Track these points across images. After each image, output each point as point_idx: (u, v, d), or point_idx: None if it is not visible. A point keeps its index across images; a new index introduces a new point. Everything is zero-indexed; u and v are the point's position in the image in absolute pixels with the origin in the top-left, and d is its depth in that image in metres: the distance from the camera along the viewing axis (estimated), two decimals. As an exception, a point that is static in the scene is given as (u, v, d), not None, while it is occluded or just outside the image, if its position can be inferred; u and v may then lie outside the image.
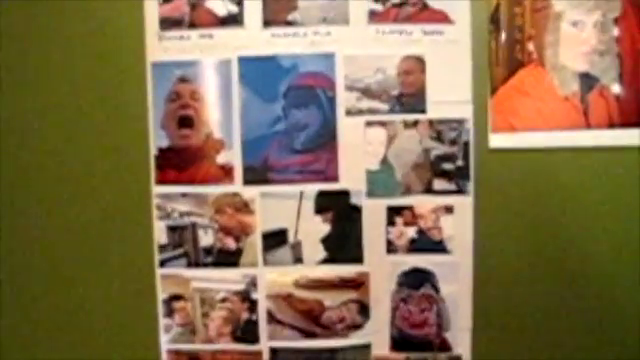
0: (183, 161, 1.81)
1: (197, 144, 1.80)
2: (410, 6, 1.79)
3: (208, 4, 1.80)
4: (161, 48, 1.80)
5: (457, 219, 1.71)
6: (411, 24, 1.79)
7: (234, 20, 1.78)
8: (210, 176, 1.81)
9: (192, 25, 1.79)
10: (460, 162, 1.74)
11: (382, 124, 1.78)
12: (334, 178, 1.79)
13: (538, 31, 1.76)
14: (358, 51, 1.78)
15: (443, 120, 1.78)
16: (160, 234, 1.79)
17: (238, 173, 1.78)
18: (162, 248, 1.77)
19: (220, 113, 1.76)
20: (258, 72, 1.78)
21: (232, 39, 1.79)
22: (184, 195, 1.79)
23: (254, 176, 1.77)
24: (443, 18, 1.77)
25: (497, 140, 1.68)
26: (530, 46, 1.75)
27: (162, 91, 1.79)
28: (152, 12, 1.80)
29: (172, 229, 1.75)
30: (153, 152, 1.78)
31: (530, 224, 1.75)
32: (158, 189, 1.80)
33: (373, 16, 1.77)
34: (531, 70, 1.75)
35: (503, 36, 1.76)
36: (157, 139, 1.79)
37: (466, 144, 1.71)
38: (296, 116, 1.79)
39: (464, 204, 1.70)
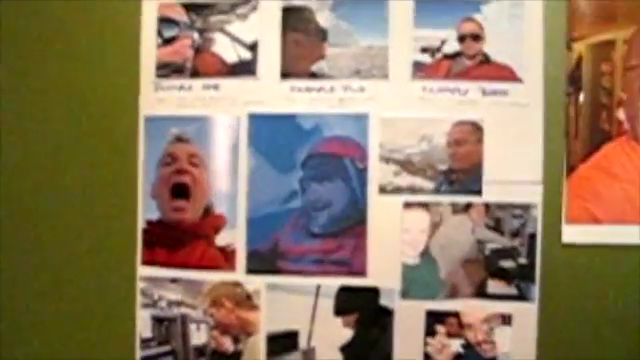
0: (175, 239, 1.46)
1: (193, 219, 1.40)
2: (466, 58, 1.36)
3: (215, 48, 1.41)
4: (156, 99, 1.46)
5: (517, 332, 1.37)
6: (467, 81, 1.41)
7: (246, 69, 1.44)
8: (207, 260, 1.45)
9: (195, 73, 1.43)
10: (523, 259, 1.39)
11: (425, 206, 1.40)
12: (361, 272, 1.41)
13: (631, 95, 1.31)
14: (398, 113, 1.41)
15: (503, 205, 1.40)
16: (143, 326, 1.45)
17: (241, 258, 1.44)
18: (145, 343, 1.44)
19: (223, 182, 1.44)
20: (272, 134, 1.43)
21: (242, 92, 1.44)
22: (174, 281, 1.46)
23: (261, 263, 1.44)
24: (508, 75, 1.39)
25: (572, 233, 1.37)
26: (620, 114, 1.32)
27: (155, 151, 1.45)
28: (149, 54, 1.43)
29: (158, 321, 1.45)
30: (141, 225, 1.47)
31: (611, 341, 1.29)
32: (144, 271, 1.48)
33: (419, 70, 1.39)
34: (621, 145, 1.33)
35: (585, 100, 1.33)
36: (146, 210, 1.47)
37: (532, 237, 1.38)
38: (316, 191, 1.42)
39: (526, 313, 1.36)
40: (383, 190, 1.39)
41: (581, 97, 1.37)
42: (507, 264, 1.38)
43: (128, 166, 1.47)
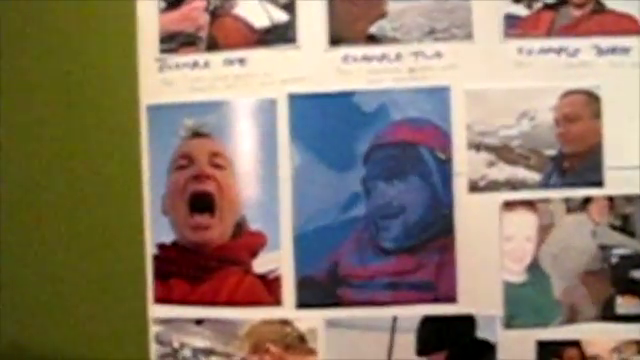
0: (198, 267, 1.09)
1: (221, 240, 1.03)
2: (574, 7, 0.98)
3: (239, 10, 1.02)
4: (163, 82, 1.10)
5: (657, 363, 1.01)
6: (576, 37, 1.06)
7: (281, 35, 1.07)
8: (243, 292, 1.08)
9: (213, 44, 1.09)
10: None
11: (530, 205, 1.05)
12: (450, 297, 1.06)
13: None
14: (489, 84, 1.05)
15: (633, 197, 1.05)
16: (162, 384, 1.00)
17: (289, 288, 1.07)
18: (165, 407, 0.99)
19: (259, 189, 1.08)
20: (322, 120, 1.07)
21: (278, 66, 1.07)
22: (200, 322, 1.10)
23: (316, 294, 1.07)
24: (631, 26, 1.05)
25: None
26: None
27: (165, 152, 1.10)
28: (149, 23, 1.06)
29: (181, 376, 1.06)
30: (150, 251, 1.11)
31: None
32: (158, 311, 1.12)
33: (512, 25, 1.05)
34: None
35: None
36: (157, 230, 1.10)
37: (672, 237, 1.01)
38: (386, 193, 1.06)
39: (669, 338, 1.00)
40: (474, 187, 1.04)
41: None
42: (640, 275, 1.02)
43: (129, 173, 1.11)
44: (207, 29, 1.08)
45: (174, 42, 1.08)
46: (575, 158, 1.04)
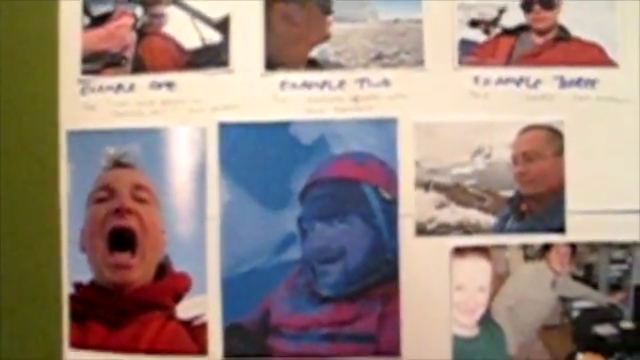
0: (117, 310, 0.96)
1: (142, 281, 0.92)
2: (536, 34, 0.85)
3: (168, 28, 0.87)
4: (84, 106, 0.97)
5: None
6: (537, 67, 0.93)
7: (214, 58, 0.95)
8: (165, 340, 0.95)
9: (139, 66, 0.96)
10: (628, 323, 0.92)
11: (484, 252, 0.93)
12: (392, 350, 0.92)
13: None
14: (440, 116, 0.93)
15: (597, 245, 0.92)
16: None
17: (215, 336, 0.94)
18: None
19: (185, 226, 0.95)
20: (255, 153, 0.94)
21: (210, 92, 0.95)
22: None
23: (244, 343, 0.94)
24: (597, 57, 0.93)
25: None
26: None
27: (84, 182, 0.97)
28: (71, 41, 0.95)
29: None
30: (66, 291, 0.97)
31: None
32: (74, 356, 0.98)
33: (468, 52, 0.94)
34: None
35: None
36: (73, 268, 0.96)
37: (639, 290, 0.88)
38: (324, 235, 0.93)
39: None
40: (422, 230, 0.90)
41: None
42: (604, 330, 0.92)
43: (46, 204, 0.98)
44: (134, 49, 0.94)
45: (98, 62, 0.95)
46: (534, 200, 0.91)
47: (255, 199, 0.92)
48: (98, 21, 0.96)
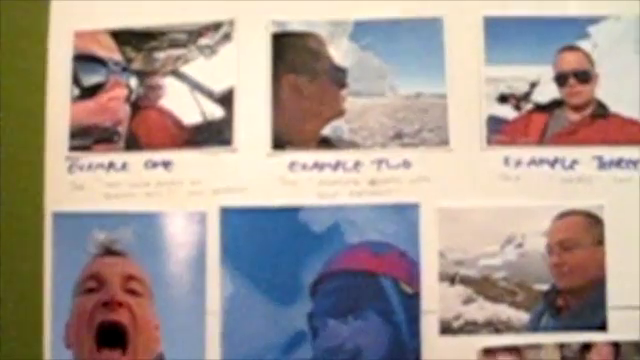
0: None
1: None
2: (571, 110, 0.73)
3: (166, 102, 0.76)
4: (72, 185, 0.88)
5: None
6: (574, 146, 0.83)
7: (215, 135, 0.85)
8: None
9: (133, 142, 0.86)
10: None
11: (516, 353, 0.81)
12: None
13: None
14: (467, 201, 0.82)
15: None
16: None
17: None
18: None
19: (181, 322, 0.84)
20: (261, 241, 0.83)
21: (211, 172, 0.85)
22: None
23: None
24: (638, 134, 0.80)
25: None
26: None
27: (70, 270, 0.86)
28: (59, 113, 0.86)
29: None
30: None
31: None
32: None
33: (498, 130, 0.84)
34: None
35: None
36: None
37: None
38: (337, 333, 0.82)
39: None
40: (447, 328, 0.81)
41: None
42: None
43: (28, 294, 0.87)
44: (127, 124, 0.83)
45: (88, 138, 0.85)
46: (572, 294, 0.81)
47: (261, 292, 0.81)
48: (89, 92, 0.86)
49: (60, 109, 0.87)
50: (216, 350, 0.82)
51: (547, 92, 0.84)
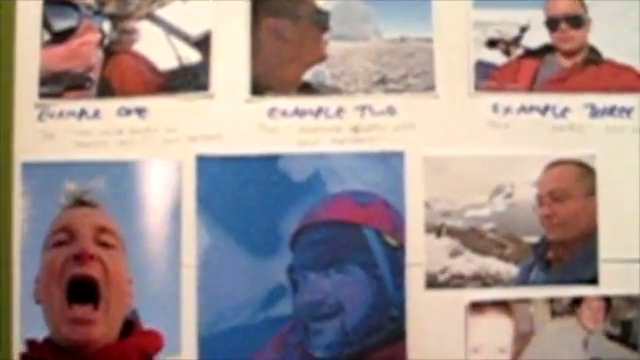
0: None
1: (105, 339, 0.70)
2: (562, 56, 0.67)
3: (140, 46, 0.70)
4: (42, 134, 0.82)
5: None
6: (565, 94, 0.79)
7: (192, 80, 0.80)
8: None
9: (106, 89, 0.81)
10: None
11: (505, 307, 0.77)
12: None
13: None
14: (454, 150, 0.76)
15: (634, 298, 0.77)
16: None
17: None
18: None
19: (156, 276, 0.78)
20: (239, 191, 0.78)
21: (187, 119, 0.80)
22: None
23: None
24: (633, 81, 0.79)
25: None
26: None
27: (40, 223, 0.78)
28: (28, 59, 0.82)
29: None
30: (17, 349, 0.78)
31: None
32: None
33: (486, 76, 0.79)
34: None
35: None
36: (26, 322, 0.81)
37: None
38: (318, 288, 0.78)
39: None
40: (433, 282, 0.78)
41: None
42: (644, 399, 0.77)
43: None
44: (100, 69, 0.78)
45: (58, 84, 0.80)
46: (562, 247, 0.78)
47: (238, 244, 0.77)
48: (60, 37, 0.81)
49: (29, 55, 0.83)
50: (192, 305, 0.78)
51: (538, 37, 0.80)
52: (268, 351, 0.78)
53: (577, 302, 0.78)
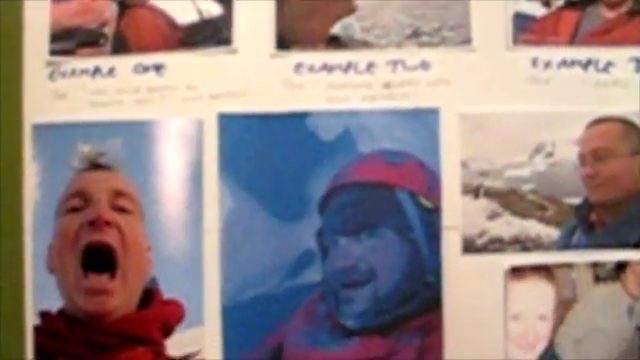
0: (93, 346, 0.73)
1: (123, 310, 0.73)
2: (605, 7, 0.62)
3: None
4: (54, 94, 0.76)
5: None
6: (608, 46, 0.73)
7: (214, 35, 0.74)
8: None
9: (121, 45, 0.75)
10: None
11: (545, 273, 0.71)
12: None
13: None
14: (492, 107, 0.71)
15: None
16: None
17: None
18: None
19: (176, 243, 0.73)
20: (264, 151, 0.73)
21: (208, 76, 0.74)
22: None
23: None
24: None
25: None
26: None
27: (53, 188, 0.75)
28: (36, 14, 0.76)
29: None
30: (30, 322, 0.74)
31: None
32: None
33: (525, 29, 0.73)
34: None
35: None
36: (39, 294, 0.74)
37: None
38: (349, 253, 0.72)
39: None
40: (470, 246, 0.71)
41: None
42: (693, 368, 0.71)
43: (6, 214, 0.76)
44: (114, 24, 0.72)
45: (70, 41, 0.74)
46: (606, 209, 0.73)
47: (263, 208, 0.71)
48: (70, -9, 0.74)
49: (39, 10, 0.76)
50: (215, 272, 0.72)
51: (580, -13, 0.73)
52: (296, 322, 0.72)
53: (621, 267, 0.73)
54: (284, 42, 0.73)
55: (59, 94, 0.76)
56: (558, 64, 0.73)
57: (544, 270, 0.72)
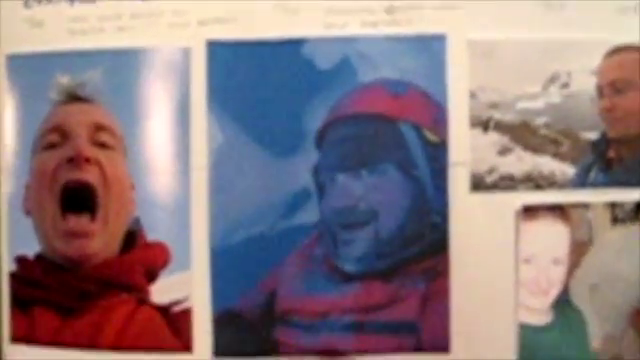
0: (73, 292, 0.68)
1: (104, 253, 0.64)
2: None
3: None
4: (29, 21, 0.69)
5: None
6: None
7: None
8: (135, 331, 0.67)
9: None
10: None
11: (559, 213, 0.65)
12: (439, 344, 0.65)
13: None
14: (503, 33, 0.64)
15: None
16: None
17: (203, 328, 0.66)
18: None
19: (161, 180, 0.66)
20: (256, 81, 0.66)
21: (196, 1, 0.67)
22: None
23: (242, 337, 0.66)
24: None
25: None
26: None
27: (29, 122, 0.69)
28: None
29: None
30: (6, 268, 0.69)
31: None
32: (17, 353, 0.69)
33: None
34: None
35: None
36: (15, 237, 0.68)
37: None
38: (348, 191, 0.65)
39: None
40: (479, 183, 0.65)
41: None
42: None
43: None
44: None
45: (46, -37, 0.66)
46: (625, 145, 0.66)
47: (256, 142, 0.64)
48: None
49: None
50: (202, 213, 0.66)
51: None
52: (291, 266, 0.66)
53: (642, 206, 0.67)
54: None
55: (35, 22, 0.69)
56: (576, -14, 0.66)
57: (558, 210, 0.66)
